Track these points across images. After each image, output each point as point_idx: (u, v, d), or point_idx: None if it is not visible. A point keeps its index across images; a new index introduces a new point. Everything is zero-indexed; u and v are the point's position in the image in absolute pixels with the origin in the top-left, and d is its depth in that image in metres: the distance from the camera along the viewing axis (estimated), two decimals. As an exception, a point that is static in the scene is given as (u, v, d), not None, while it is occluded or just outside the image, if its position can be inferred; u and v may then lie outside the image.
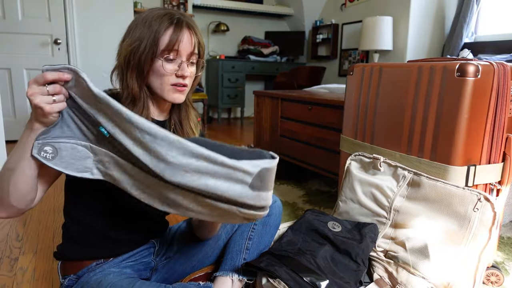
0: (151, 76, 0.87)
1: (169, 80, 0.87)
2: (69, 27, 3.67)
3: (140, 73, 0.86)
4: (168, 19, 0.85)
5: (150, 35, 0.84)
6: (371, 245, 1.14)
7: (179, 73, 0.87)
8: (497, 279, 1.21)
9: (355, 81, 1.41)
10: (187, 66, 0.88)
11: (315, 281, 0.93)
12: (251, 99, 5.12)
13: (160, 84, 0.88)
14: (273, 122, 2.61)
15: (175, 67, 0.87)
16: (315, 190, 2.29)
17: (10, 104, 3.56)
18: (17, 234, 1.58)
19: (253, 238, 1.08)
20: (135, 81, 0.87)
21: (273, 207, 1.13)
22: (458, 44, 3.40)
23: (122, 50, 0.87)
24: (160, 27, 0.84)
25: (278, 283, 0.93)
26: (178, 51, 0.86)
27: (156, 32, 0.84)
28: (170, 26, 0.85)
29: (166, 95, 0.89)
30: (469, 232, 1.01)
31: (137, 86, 0.87)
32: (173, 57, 0.86)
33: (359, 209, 1.27)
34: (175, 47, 0.85)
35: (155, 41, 0.84)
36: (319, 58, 5.00)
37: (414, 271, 1.05)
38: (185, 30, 0.87)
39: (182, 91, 0.90)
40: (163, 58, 0.85)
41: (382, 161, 1.24)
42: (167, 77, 0.87)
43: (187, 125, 0.99)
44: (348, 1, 4.42)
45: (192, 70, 0.91)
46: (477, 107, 1.04)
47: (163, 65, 0.86)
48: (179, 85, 0.88)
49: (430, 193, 1.10)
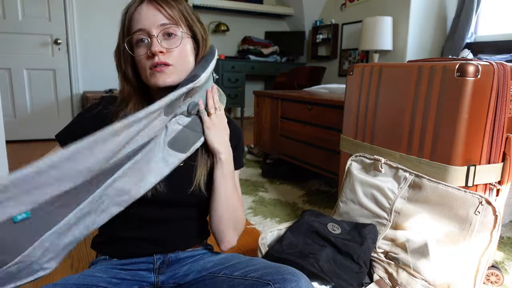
0: (137, 68, 0.82)
1: (147, 64, 0.78)
2: (69, 27, 3.68)
3: (122, 71, 0.82)
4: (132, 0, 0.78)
5: (121, 26, 0.79)
6: (372, 246, 1.14)
7: (149, 52, 0.77)
8: (497, 279, 1.21)
9: (355, 81, 1.41)
10: (158, 40, 0.77)
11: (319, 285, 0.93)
12: (251, 99, 5.12)
13: (143, 73, 0.80)
14: (273, 122, 2.61)
15: (146, 47, 0.78)
16: (315, 190, 2.29)
17: (10, 104, 3.56)
18: (17, 234, 1.58)
19: None
20: (123, 79, 0.83)
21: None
22: (458, 44, 3.40)
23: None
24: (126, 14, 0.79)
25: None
26: (143, 29, 0.77)
27: (124, 22, 0.79)
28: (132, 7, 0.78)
29: (150, 81, 0.79)
30: (470, 235, 1.01)
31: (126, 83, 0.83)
32: (141, 36, 0.77)
33: (359, 210, 1.27)
34: (136, 26, 0.77)
35: (124, 31, 0.78)
36: (319, 58, 5.00)
37: (414, 272, 1.05)
38: (145, 3, 0.77)
39: (161, 71, 0.78)
40: (132, 46, 0.79)
41: (383, 162, 1.24)
42: (143, 61, 0.78)
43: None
44: (348, 1, 4.42)
45: (171, 44, 0.79)
46: (477, 107, 1.04)
47: (135, 53, 0.78)
48: (157, 65, 0.77)
49: (431, 195, 1.10)
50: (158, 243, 0.88)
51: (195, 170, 0.87)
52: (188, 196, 0.86)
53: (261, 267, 0.77)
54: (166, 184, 0.83)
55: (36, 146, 3.50)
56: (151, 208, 0.85)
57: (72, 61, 3.77)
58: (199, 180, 0.86)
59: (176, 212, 0.88)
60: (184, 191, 0.86)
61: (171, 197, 0.85)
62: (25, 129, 3.66)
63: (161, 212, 0.86)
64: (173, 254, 0.90)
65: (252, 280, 0.74)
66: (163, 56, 0.78)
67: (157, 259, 0.88)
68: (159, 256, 0.89)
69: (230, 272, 0.81)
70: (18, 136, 3.62)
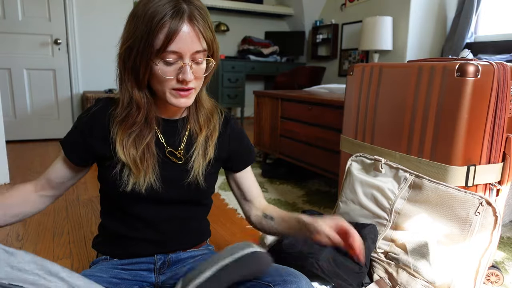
0: (152, 79, 0.77)
1: (170, 85, 0.76)
2: (69, 27, 3.67)
3: (137, 77, 0.77)
4: (169, 8, 0.71)
5: (145, 31, 0.71)
6: (372, 246, 1.14)
7: (180, 77, 0.75)
8: (497, 279, 1.21)
9: (355, 81, 1.41)
10: (190, 67, 0.75)
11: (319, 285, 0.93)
12: (251, 99, 5.12)
13: (161, 88, 0.77)
14: (273, 122, 2.61)
15: (176, 69, 0.75)
16: (315, 190, 2.29)
17: (10, 104, 3.56)
18: (17, 234, 1.58)
19: None
20: (134, 85, 0.78)
21: None
22: (458, 44, 3.40)
23: (120, 46, 0.77)
24: (155, 21, 0.70)
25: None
26: (177, 52, 0.73)
27: (150, 28, 0.71)
28: (167, 20, 0.70)
29: (169, 100, 0.78)
30: (470, 235, 1.01)
31: (137, 90, 0.79)
32: (173, 59, 0.73)
33: (359, 210, 1.27)
34: (171, 48, 0.72)
35: (149, 41, 0.71)
36: (319, 58, 4.99)
37: (414, 273, 1.05)
38: (186, 23, 0.72)
39: (185, 96, 0.78)
40: (159, 62, 0.73)
41: (383, 162, 1.24)
42: (168, 81, 0.76)
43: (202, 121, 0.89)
44: (348, 1, 4.42)
45: (198, 71, 0.77)
46: (477, 107, 1.04)
47: (160, 70, 0.74)
48: (182, 90, 0.77)
49: (432, 196, 1.09)
50: (158, 243, 0.89)
51: (193, 163, 0.86)
52: (185, 191, 0.86)
53: None
54: (161, 180, 0.84)
55: (36, 146, 3.49)
56: (151, 207, 0.85)
57: (72, 61, 3.76)
58: (197, 172, 0.86)
59: (176, 211, 0.88)
60: (181, 185, 0.86)
61: (168, 193, 0.85)
62: (25, 129, 3.66)
63: (162, 211, 0.87)
64: (174, 254, 0.90)
65: (253, 282, 0.74)
66: (191, 82, 0.77)
67: (158, 259, 0.89)
68: (160, 257, 0.89)
69: None
70: (18, 136, 3.62)
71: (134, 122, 0.81)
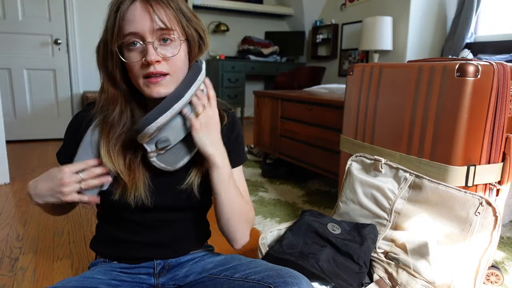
0: (126, 72, 0.74)
1: (140, 72, 0.71)
2: (69, 27, 3.68)
3: (108, 71, 0.74)
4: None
5: (106, 21, 0.71)
6: (372, 246, 1.14)
7: (144, 60, 0.69)
8: (496, 279, 1.22)
9: (355, 81, 1.42)
10: (154, 47, 0.69)
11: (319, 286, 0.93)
12: (251, 99, 5.12)
13: (135, 80, 0.73)
14: (273, 122, 2.61)
15: (139, 52, 0.70)
16: (315, 190, 2.29)
17: (10, 104, 3.56)
18: (17, 234, 1.58)
19: None
20: (108, 82, 0.76)
21: None
22: (458, 44, 3.40)
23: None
24: (112, 8, 0.70)
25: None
26: (136, 33, 0.69)
27: (109, 16, 0.70)
28: (122, 2, 0.69)
29: (144, 92, 0.73)
30: (470, 235, 1.01)
31: (112, 88, 0.76)
32: (134, 41, 0.69)
33: (359, 210, 1.27)
34: (128, 29, 0.68)
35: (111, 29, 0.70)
36: (319, 58, 5.00)
37: (414, 273, 1.05)
38: (138, 2, 0.69)
39: (156, 82, 0.71)
40: (123, 48, 0.70)
41: (383, 162, 1.24)
42: (136, 69, 0.71)
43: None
44: (348, 1, 4.42)
45: (166, 52, 0.71)
46: (477, 107, 1.04)
47: (125, 57, 0.70)
48: (152, 75, 0.70)
49: (432, 196, 1.10)
50: (157, 248, 0.87)
51: (189, 172, 0.82)
52: (179, 200, 0.83)
53: (262, 269, 0.76)
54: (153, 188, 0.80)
55: (36, 146, 3.50)
56: (145, 213, 0.83)
57: (72, 61, 3.76)
58: (191, 182, 0.81)
59: (173, 215, 0.86)
60: (175, 194, 0.82)
61: (162, 201, 0.82)
62: (25, 129, 3.66)
63: (159, 216, 0.84)
64: (173, 259, 0.89)
65: (253, 283, 0.73)
66: (159, 65, 0.71)
67: (157, 264, 0.87)
68: (159, 261, 0.87)
69: (231, 274, 0.80)
70: (18, 136, 3.62)
71: (112, 122, 0.77)
